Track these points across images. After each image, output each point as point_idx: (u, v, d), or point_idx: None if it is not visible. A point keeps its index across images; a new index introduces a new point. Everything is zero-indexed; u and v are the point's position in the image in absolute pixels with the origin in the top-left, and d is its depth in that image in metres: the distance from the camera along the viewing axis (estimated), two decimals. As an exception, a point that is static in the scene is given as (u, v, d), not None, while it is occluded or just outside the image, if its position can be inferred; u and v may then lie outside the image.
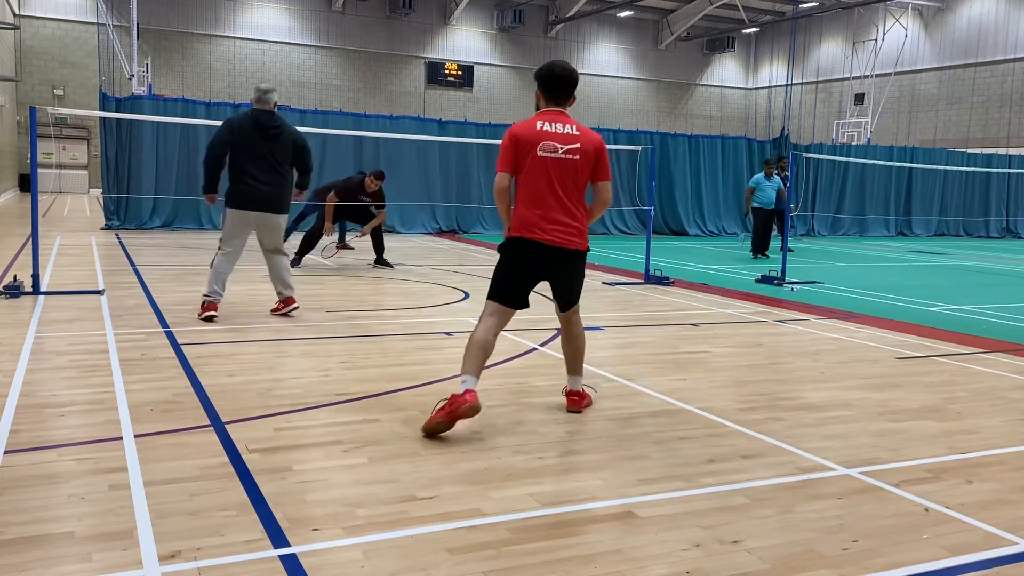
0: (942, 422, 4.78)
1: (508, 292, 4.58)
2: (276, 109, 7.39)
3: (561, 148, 4.47)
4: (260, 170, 7.21)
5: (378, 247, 11.99)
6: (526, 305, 4.67)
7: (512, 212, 4.60)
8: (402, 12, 38.21)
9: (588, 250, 4.66)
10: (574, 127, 4.55)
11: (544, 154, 4.46)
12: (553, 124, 4.51)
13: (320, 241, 11.77)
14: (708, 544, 3.05)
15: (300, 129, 14.27)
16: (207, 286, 7.22)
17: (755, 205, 15.24)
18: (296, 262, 11.43)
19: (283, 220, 7.43)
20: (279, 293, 7.50)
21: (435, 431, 4.18)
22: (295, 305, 7.46)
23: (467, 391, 4.24)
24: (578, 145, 4.50)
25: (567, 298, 4.74)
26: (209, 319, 7.07)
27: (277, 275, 7.46)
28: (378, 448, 3.97)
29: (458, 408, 4.14)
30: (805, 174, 22.06)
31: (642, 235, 18.94)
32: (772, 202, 15.01)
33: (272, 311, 7.50)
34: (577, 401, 4.82)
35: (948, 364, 6.39)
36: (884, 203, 23.99)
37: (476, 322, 4.60)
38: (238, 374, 5.33)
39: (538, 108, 4.66)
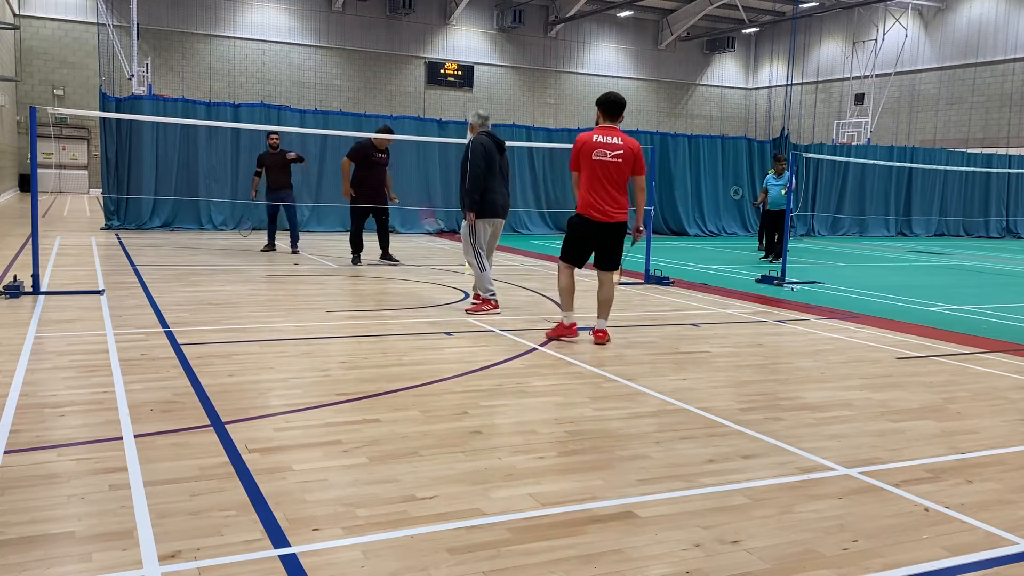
0: (942, 422, 4.78)
1: (573, 254, 6.75)
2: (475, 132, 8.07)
3: (609, 154, 6.50)
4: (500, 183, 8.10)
5: (383, 243, 12.11)
6: (581, 265, 6.79)
7: (577, 196, 6.66)
8: (402, 12, 38.21)
9: (626, 223, 6.70)
10: (620, 137, 6.55)
11: (597, 159, 6.49)
12: (604, 136, 6.54)
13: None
14: (708, 544, 3.05)
15: (300, 130, 14.46)
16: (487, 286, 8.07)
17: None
18: (356, 260, 11.82)
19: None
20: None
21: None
22: (487, 309, 8.02)
23: (573, 324, 6.73)
24: (621, 152, 6.51)
25: (612, 261, 6.73)
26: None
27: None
28: (378, 448, 3.97)
29: (570, 335, 6.69)
30: (805, 174, 22.06)
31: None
32: (774, 202, 15.01)
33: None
34: (603, 335, 6.70)
35: (948, 364, 6.39)
36: (884, 203, 23.98)
37: (560, 275, 6.87)
38: (238, 374, 5.33)
39: (597, 122, 6.71)
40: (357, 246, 11.85)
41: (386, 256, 12.08)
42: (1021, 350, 7.01)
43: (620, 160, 6.48)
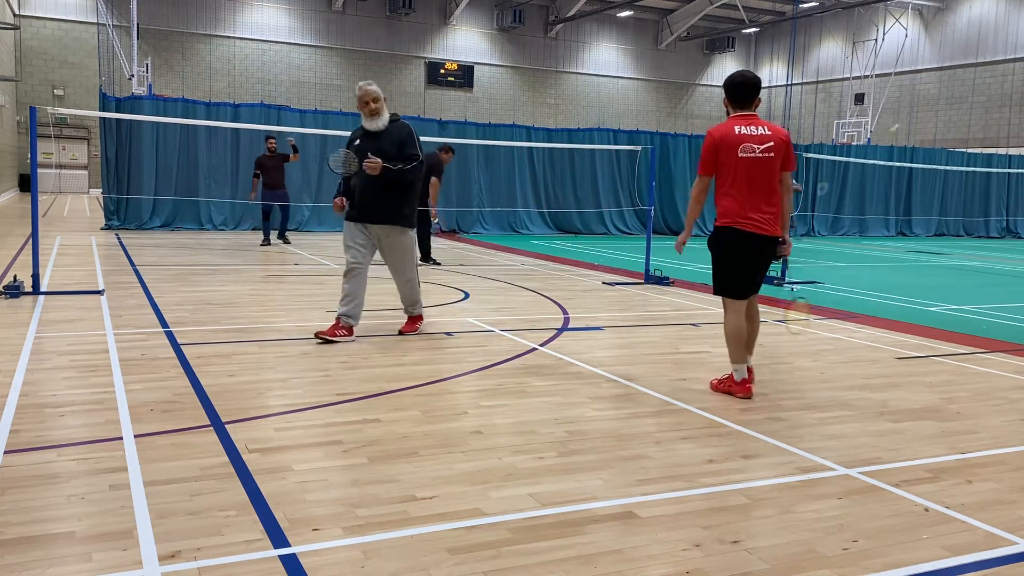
0: (942, 422, 4.78)
1: (739, 284, 5.27)
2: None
3: (759, 148, 5.16)
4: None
5: (424, 246, 12.49)
6: (755, 291, 5.31)
7: (717, 205, 5.29)
8: (402, 12, 38.22)
9: (778, 236, 5.25)
10: (765, 127, 5.22)
11: (745, 155, 5.15)
12: (748, 127, 5.19)
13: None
14: (708, 544, 3.05)
15: (299, 130, 14.58)
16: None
17: None
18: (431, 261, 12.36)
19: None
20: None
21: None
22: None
23: (746, 379, 5.21)
24: (772, 144, 5.16)
25: (759, 283, 5.35)
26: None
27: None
28: (378, 448, 3.97)
29: (743, 393, 5.16)
30: (805, 174, 22.06)
31: (642, 235, 18.94)
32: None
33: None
34: (751, 377, 5.32)
35: (948, 364, 6.39)
36: (884, 203, 23.99)
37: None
38: (238, 374, 5.32)
39: (728, 114, 5.35)
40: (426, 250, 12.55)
41: (427, 258, 12.50)
42: (1021, 350, 7.00)
43: (772, 155, 5.15)
